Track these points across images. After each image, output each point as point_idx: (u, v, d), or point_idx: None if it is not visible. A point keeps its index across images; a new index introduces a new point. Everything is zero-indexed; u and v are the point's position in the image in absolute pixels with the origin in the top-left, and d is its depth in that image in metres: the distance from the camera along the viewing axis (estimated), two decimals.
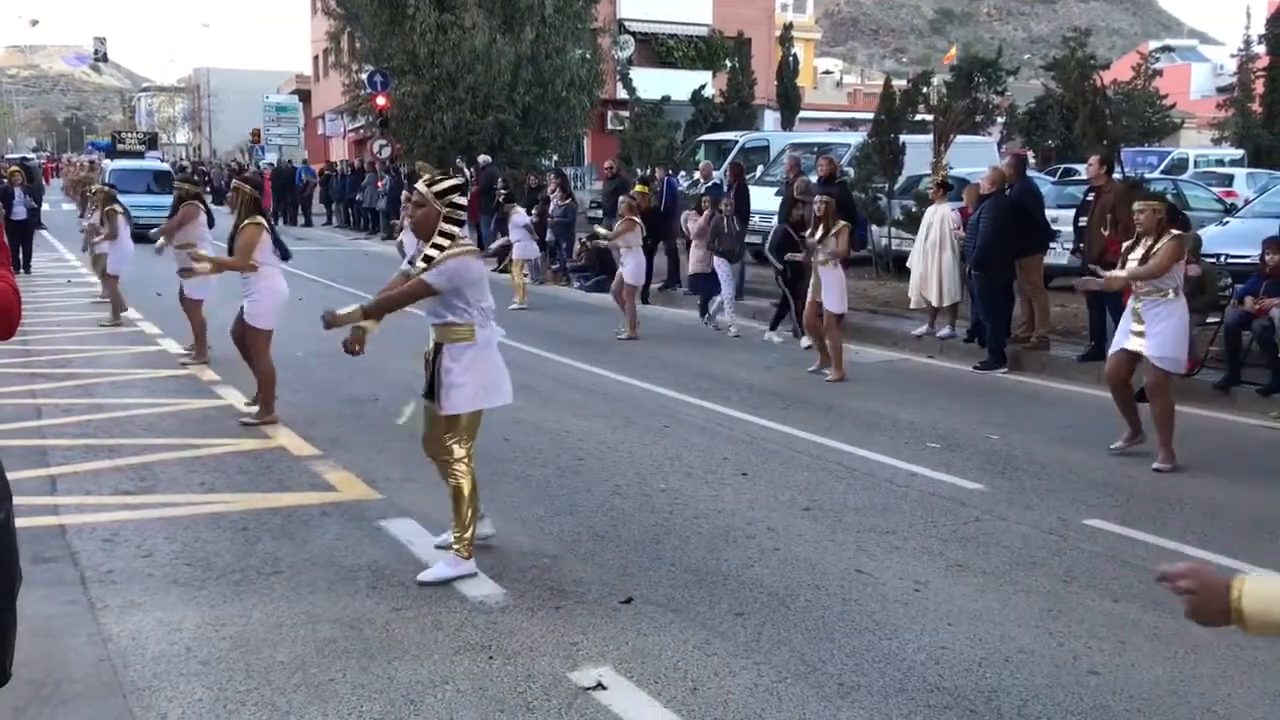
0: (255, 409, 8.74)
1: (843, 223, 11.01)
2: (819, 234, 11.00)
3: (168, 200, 25.23)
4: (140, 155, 36.85)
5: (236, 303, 8.93)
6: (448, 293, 5.34)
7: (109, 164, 32.02)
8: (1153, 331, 7.55)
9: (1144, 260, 7.56)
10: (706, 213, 14.20)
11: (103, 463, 7.39)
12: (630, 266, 13.55)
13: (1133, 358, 7.80)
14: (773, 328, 13.41)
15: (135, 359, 11.45)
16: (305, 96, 59.56)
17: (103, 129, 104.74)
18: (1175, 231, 7.66)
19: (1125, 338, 7.80)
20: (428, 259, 5.34)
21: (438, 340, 5.47)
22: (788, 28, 43.33)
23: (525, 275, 16.98)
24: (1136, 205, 7.80)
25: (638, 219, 13.90)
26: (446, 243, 5.35)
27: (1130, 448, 8.01)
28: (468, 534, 5.43)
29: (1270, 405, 9.29)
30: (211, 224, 11.68)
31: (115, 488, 6.87)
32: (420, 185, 5.46)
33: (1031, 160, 20.68)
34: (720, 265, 13.66)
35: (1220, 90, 41.90)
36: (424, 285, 5.34)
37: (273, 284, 8.77)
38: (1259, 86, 35.23)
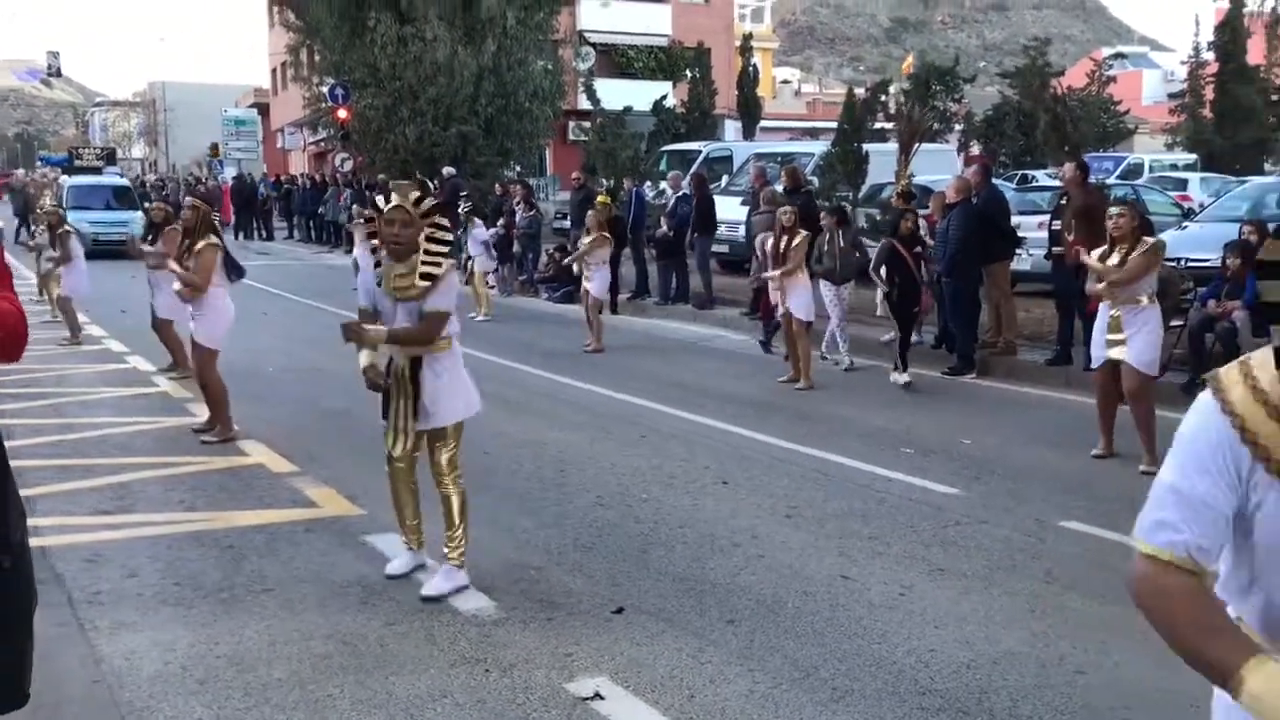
0: (211, 431, 8.63)
1: (803, 233, 11.09)
2: (784, 243, 11.10)
3: (128, 216, 25.12)
4: (98, 171, 36.39)
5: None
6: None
7: (66, 180, 31.64)
8: (1133, 337, 7.67)
9: (1121, 267, 7.69)
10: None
11: (79, 483, 7.32)
12: (597, 282, 13.60)
13: (1117, 366, 7.91)
14: (900, 368, 11.16)
15: (103, 377, 11.35)
16: (264, 110, 59.13)
17: (55, 144, 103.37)
18: (1149, 240, 7.80)
19: (1104, 348, 7.87)
20: (430, 278, 5.28)
21: (413, 356, 5.39)
22: (747, 38, 43.62)
23: (491, 287, 17.04)
24: (1113, 210, 7.91)
25: (608, 234, 13.93)
26: (437, 262, 5.34)
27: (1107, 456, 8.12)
28: (465, 545, 5.46)
29: None
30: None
31: (94, 508, 6.82)
32: (407, 204, 5.36)
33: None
34: (826, 290, 11.96)
35: (1172, 96, 42.55)
36: (443, 314, 5.34)
37: (220, 304, 8.66)
38: (1209, 93, 35.89)
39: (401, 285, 5.30)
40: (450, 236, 5.54)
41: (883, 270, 11.13)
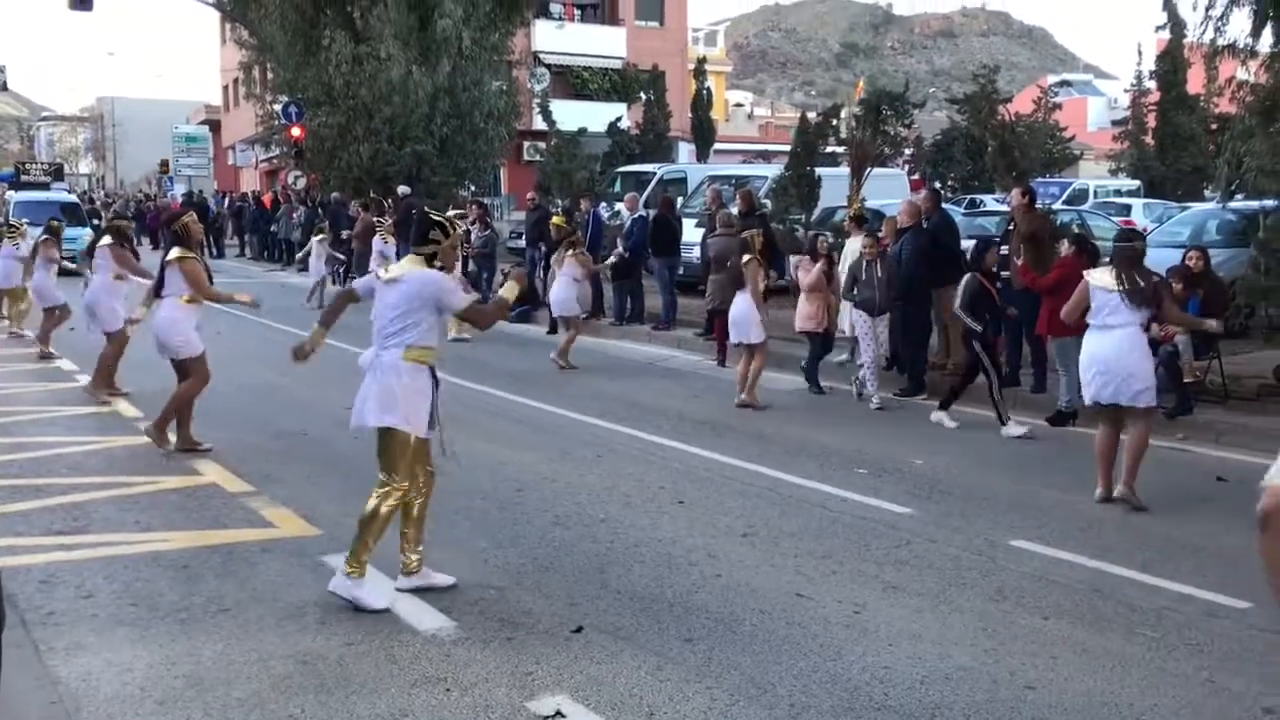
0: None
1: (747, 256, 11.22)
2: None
3: (76, 232, 24.80)
4: (46, 186, 35.92)
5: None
6: None
7: (13, 195, 31.18)
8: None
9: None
10: (821, 264, 11.78)
11: (31, 503, 7.25)
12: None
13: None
14: (943, 406, 10.43)
15: (54, 396, 11.23)
16: (215, 126, 58.70)
17: None
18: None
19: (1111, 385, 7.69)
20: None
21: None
22: (701, 61, 44.01)
23: None
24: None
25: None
26: None
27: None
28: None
29: (1177, 428, 9.72)
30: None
31: (47, 528, 6.76)
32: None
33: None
34: (859, 321, 11.34)
35: (1115, 123, 43.48)
36: None
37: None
38: (1151, 120, 36.73)
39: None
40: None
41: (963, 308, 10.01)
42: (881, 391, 11.36)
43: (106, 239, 11.48)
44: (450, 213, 6.25)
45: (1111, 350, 7.61)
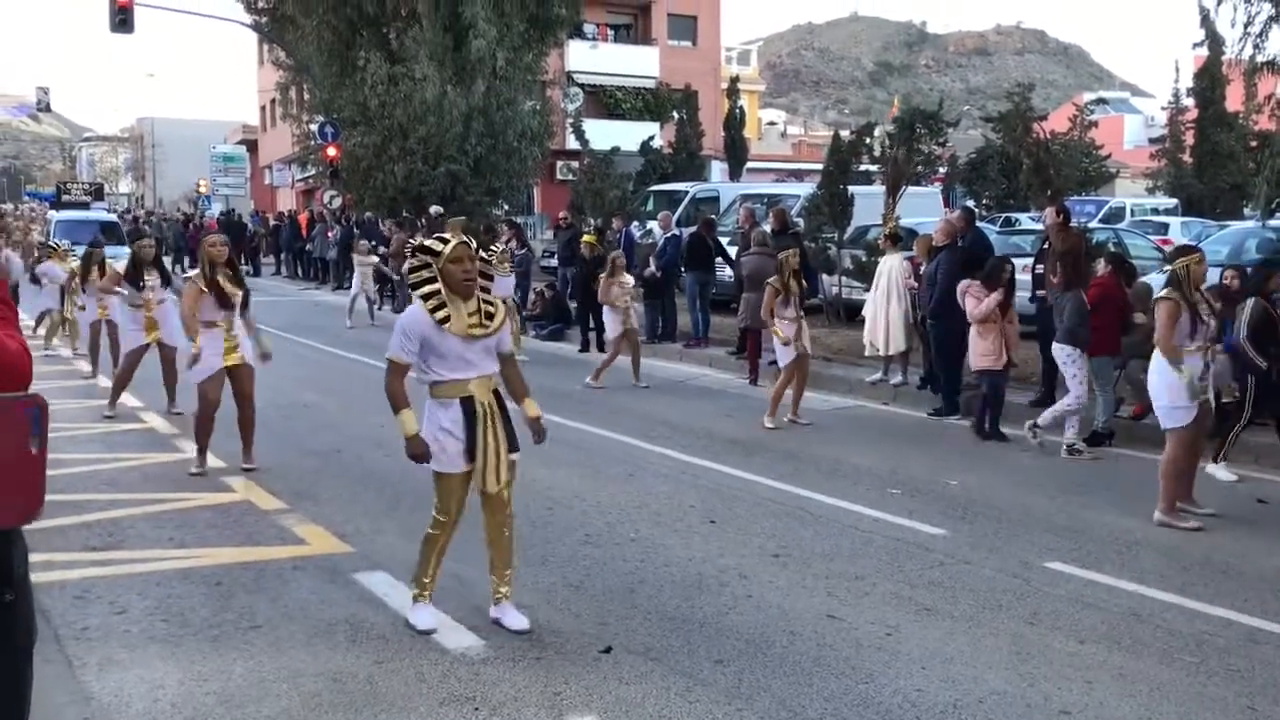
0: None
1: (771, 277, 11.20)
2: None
3: (115, 251, 25.04)
4: (86, 206, 36.49)
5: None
6: None
7: (54, 215, 31.65)
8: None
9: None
10: (996, 295, 10.24)
11: (67, 519, 7.30)
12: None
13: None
14: (1220, 456, 8.94)
15: (91, 413, 11.34)
16: (252, 146, 59.40)
17: (42, 179, 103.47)
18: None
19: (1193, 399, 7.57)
20: (492, 316, 5.40)
21: (493, 388, 5.48)
22: (733, 80, 44.09)
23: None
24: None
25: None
26: (492, 301, 5.52)
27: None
28: None
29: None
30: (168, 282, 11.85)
31: (83, 544, 6.82)
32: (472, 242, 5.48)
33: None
34: (1068, 359, 9.73)
35: (1152, 141, 43.17)
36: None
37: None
38: (1189, 138, 36.39)
39: (474, 324, 5.33)
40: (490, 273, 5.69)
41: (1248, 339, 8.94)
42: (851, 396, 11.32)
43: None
44: (447, 231, 5.99)
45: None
